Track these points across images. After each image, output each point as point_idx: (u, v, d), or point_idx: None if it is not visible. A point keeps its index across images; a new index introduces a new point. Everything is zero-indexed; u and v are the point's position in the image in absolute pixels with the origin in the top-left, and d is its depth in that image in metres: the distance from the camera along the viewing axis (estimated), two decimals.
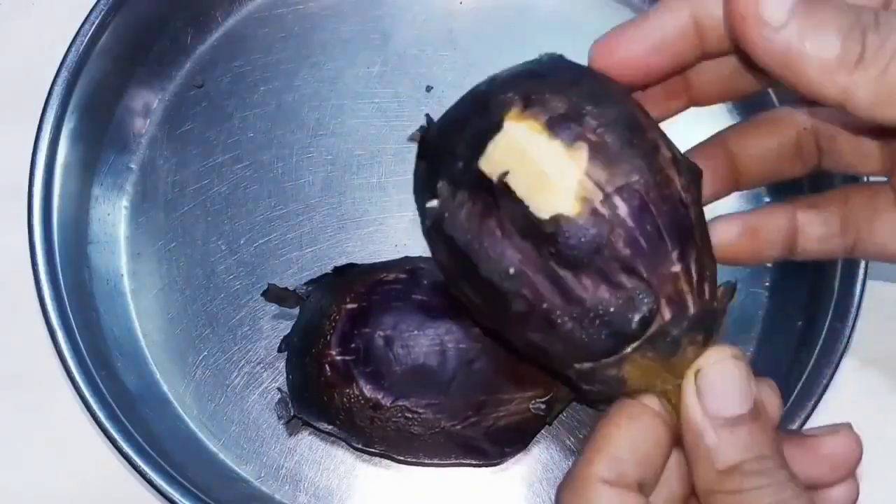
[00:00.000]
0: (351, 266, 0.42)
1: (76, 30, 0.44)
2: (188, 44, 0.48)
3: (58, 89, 0.43)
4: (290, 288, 0.42)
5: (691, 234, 0.28)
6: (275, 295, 0.42)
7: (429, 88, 0.48)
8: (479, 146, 0.28)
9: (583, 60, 0.29)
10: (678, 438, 0.28)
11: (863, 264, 0.41)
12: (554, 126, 0.27)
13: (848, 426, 0.30)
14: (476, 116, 0.29)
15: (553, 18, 0.49)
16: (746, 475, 0.26)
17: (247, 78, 0.48)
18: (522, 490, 0.43)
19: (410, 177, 0.30)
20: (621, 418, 0.28)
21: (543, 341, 0.28)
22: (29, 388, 0.45)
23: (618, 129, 0.27)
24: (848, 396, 0.43)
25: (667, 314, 0.27)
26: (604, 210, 0.27)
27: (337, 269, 0.42)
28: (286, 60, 0.48)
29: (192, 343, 0.45)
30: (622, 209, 0.27)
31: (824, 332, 0.41)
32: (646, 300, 0.27)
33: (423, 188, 0.29)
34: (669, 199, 0.27)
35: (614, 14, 0.49)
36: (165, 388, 0.44)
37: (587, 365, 0.28)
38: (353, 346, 0.39)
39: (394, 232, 0.46)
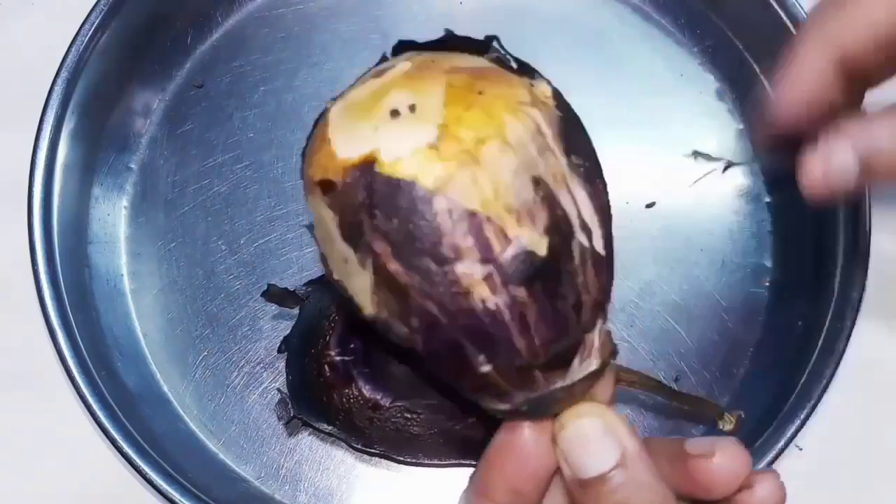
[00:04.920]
0: None
1: (76, 30, 0.44)
2: (188, 44, 0.48)
3: (58, 89, 0.43)
4: (290, 288, 0.42)
5: (506, 335, 0.26)
6: (275, 295, 0.42)
7: None
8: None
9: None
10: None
11: (863, 265, 0.41)
12: (347, 232, 0.26)
13: (728, 441, 0.28)
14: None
15: (553, 18, 0.49)
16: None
17: (247, 78, 0.48)
18: None
19: None
20: (496, 450, 0.29)
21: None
22: (29, 388, 0.45)
23: (406, 245, 0.25)
24: (848, 396, 0.43)
25: (495, 404, 0.28)
26: (397, 319, 0.26)
27: None
28: (286, 60, 0.48)
29: (192, 343, 0.45)
30: (414, 322, 0.26)
31: (824, 332, 0.41)
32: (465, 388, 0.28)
33: None
34: (469, 313, 0.26)
35: (614, 14, 0.49)
36: (165, 388, 0.44)
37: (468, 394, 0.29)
38: (352, 346, 0.39)
39: None
